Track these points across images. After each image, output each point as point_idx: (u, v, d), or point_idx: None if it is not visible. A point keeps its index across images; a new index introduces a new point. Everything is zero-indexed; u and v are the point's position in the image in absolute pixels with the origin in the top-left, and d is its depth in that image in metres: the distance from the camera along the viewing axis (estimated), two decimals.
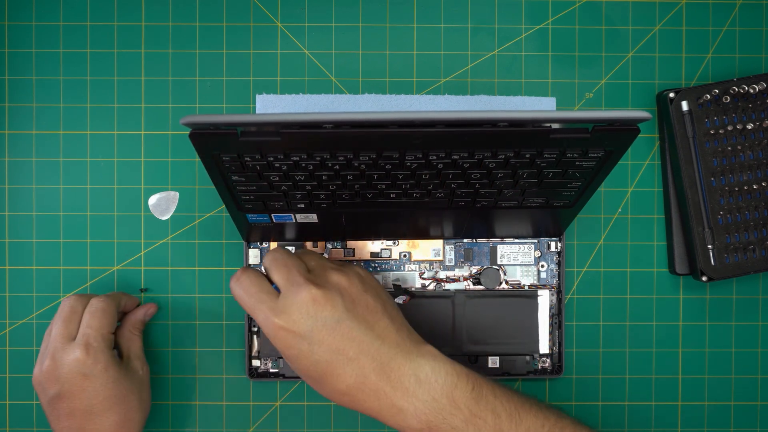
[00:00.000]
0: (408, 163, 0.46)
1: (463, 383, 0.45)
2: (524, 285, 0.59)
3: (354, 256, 0.58)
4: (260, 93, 0.58)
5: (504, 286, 0.59)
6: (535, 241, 0.59)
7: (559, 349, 0.59)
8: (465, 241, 0.59)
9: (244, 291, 0.46)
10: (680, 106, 0.56)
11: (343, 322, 0.44)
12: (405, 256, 0.59)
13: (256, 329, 0.58)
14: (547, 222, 0.56)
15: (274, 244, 0.58)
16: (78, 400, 0.50)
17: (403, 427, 0.44)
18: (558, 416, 0.46)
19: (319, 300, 0.44)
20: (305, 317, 0.44)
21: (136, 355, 0.54)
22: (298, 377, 0.58)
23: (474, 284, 0.59)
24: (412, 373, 0.44)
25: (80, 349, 0.50)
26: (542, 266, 0.59)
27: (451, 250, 0.59)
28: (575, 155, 0.46)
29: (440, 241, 0.59)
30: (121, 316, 0.56)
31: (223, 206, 0.58)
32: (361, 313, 0.45)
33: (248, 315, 0.58)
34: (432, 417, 0.44)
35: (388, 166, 0.46)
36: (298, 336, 0.44)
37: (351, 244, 0.59)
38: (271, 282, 0.47)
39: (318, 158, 0.45)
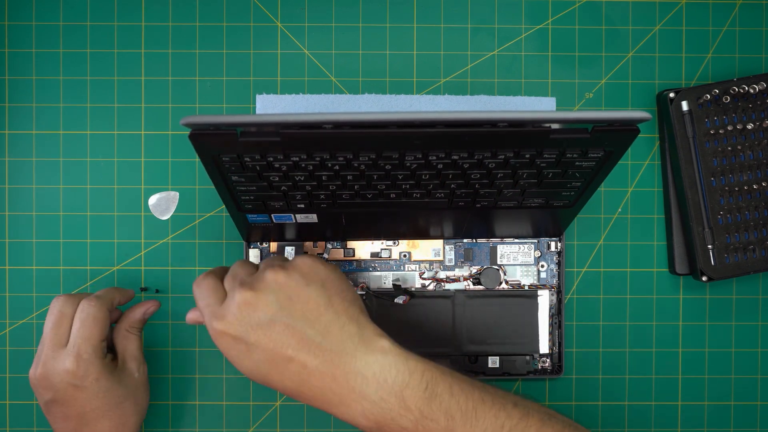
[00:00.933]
0: (408, 164, 0.46)
1: (416, 381, 0.42)
2: (524, 285, 0.59)
3: (354, 256, 0.58)
4: (260, 93, 0.58)
5: (504, 286, 0.59)
6: (535, 241, 0.59)
7: (559, 349, 0.59)
8: (465, 241, 0.59)
9: (199, 294, 0.46)
10: (680, 106, 0.56)
11: (277, 320, 0.43)
12: (405, 256, 0.59)
13: None
14: (547, 222, 0.56)
15: (274, 245, 0.58)
16: (71, 407, 0.50)
17: (353, 424, 0.43)
18: (524, 414, 0.43)
19: (250, 301, 0.43)
20: (239, 320, 0.43)
21: (132, 356, 0.53)
22: None
23: (474, 284, 0.59)
24: (358, 371, 0.42)
25: (70, 360, 0.49)
26: (542, 266, 0.59)
27: (451, 250, 0.59)
28: (575, 155, 0.46)
29: (440, 241, 0.59)
30: (118, 315, 0.55)
31: (223, 206, 0.58)
32: (300, 310, 0.43)
33: None
34: (380, 417, 0.42)
35: (388, 167, 0.46)
36: (235, 338, 0.43)
37: (351, 244, 0.59)
38: None
39: (318, 158, 0.45)
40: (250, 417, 0.59)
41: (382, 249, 0.59)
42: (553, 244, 0.59)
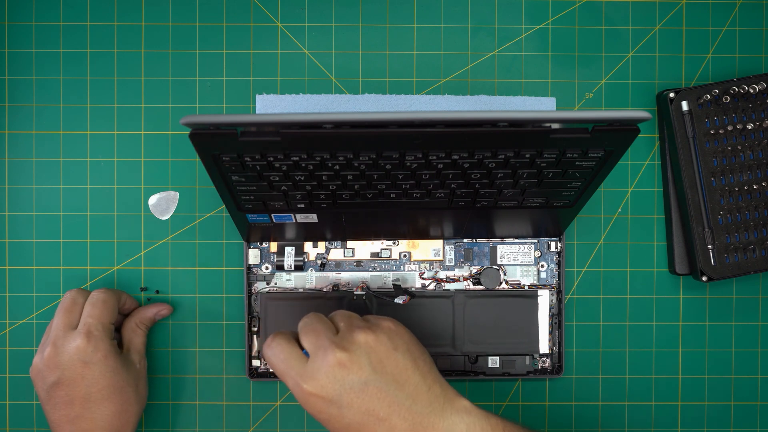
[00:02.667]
0: (408, 163, 0.46)
1: None
2: (524, 285, 0.59)
3: (354, 256, 0.58)
4: (260, 93, 0.58)
5: (504, 286, 0.59)
6: (535, 241, 0.59)
7: (559, 349, 0.59)
8: (465, 241, 0.59)
9: (275, 356, 0.46)
10: (680, 106, 0.56)
11: (371, 383, 0.43)
12: (405, 256, 0.59)
13: (256, 329, 0.58)
14: (547, 222, 0.56)
15: (274, 245, 0.58)
16: (77, 388, 0.50)
17: None
18: None
19: (345, 363, 0.43)
20: (332, 381, 0.43)
21: (136, 349, 0.55)
22: None
23: (474, 284, 0.59)
24: (446, 431, 0.44)
25: (81, 337, 0.51)
26: (542, 266, 0.59)
27: (451, 250, 0.59)
28: (575, 155, 0.46)
29: (440, 241, 0.59)
30: (122, 319, 0.56)
31: (223, 206, 0.58)
32: (390, 372, 0.44)
33: (248, 314, 0.58)
34: None
35: (388, 166, 0.46)
36: (327, 401, 0.43)
37: (351, 244, 0.59)
38: (302, 347, 0.46)
39: (318, 158, 0.45)
40: (250, 417, 0.59)
41: (382, 249, 0.59)
42: (553, 244, 0.59)
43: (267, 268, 0.58)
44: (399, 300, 0.57)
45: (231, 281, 0.59)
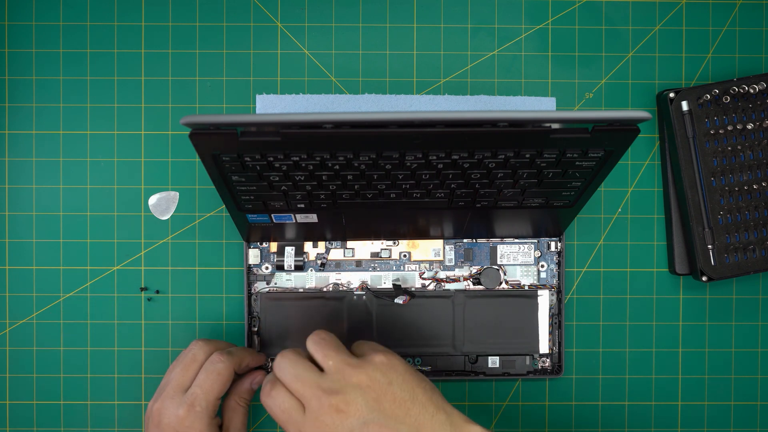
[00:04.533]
0: (408, 163, 0.46)
1: None
2: (524, 285, 0.59)
3: (354, 256, 0.58)
4: (260, 93, 0.58)
5: (504, 286, 0.59)
6: (535, 241, 0.59)
7: (559, 349, 0.59)
8: (465, 241, 0.59)
9: (276, 407, 0.45)
10: (680, 106, 0.56)
11: (370, 422, 0.43)
12: (405, 256, 0.59)
13: (256, 329, 0.58)
14: (547, 222, 0.56)
15: (274, 245, 0.58)
16: None
17: None
18: None
19: (340, 407, 0.43)
20: (332, 428, 0.43)
21: (236, 428, 0.53)
22: None
23: (474, 284, 0.59)
24: None
25: (184, 408, 0.49)
26: (542, 266, 0.59)
27: (451, 250, 0.59)
28: (575, 155, 0.46)
29: (440, 241, 0.59)
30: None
31: (223, 206, 0.58)
32: (389, 409, 0.44)
33: (248, 314, 0.58)
34: None
35: (388, 166, 0.46)
36: None
37: (351, 244, 0.59)
38: None
39: (318, 158, 0.45)
40: (250, 417, 0.59)
41: (382, 249, 0.59)
42: (553, 244, 0.59)
43: (267, 268, 0.58)
44: (399, 300, 0.57)
45: (231, 281, 0.59)
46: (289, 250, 0.58)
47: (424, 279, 0.59)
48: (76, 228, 0.58)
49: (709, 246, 0.57)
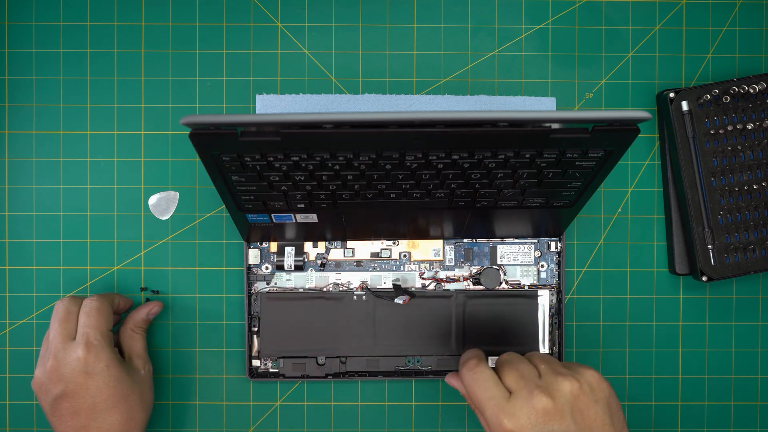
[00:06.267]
0: (408, 163, 0.46)
1: None
2: (524, 285, 0.59)
3: (354, 256, 0.58)
4: (260, 93, 0.58)
5: (504, 286, 0.59)
6: (535, 241, 0.59)
7: (559, 349, 0.59)
8: (465, 241, 0.59)
9: (478, 385, 0.46)
10: (680, 106, 0.56)
11: None
12: (405, 256, 0.59)
13: (256, 329, 0.58)
14: (547, 222, 0.56)
15: (274, 245, 0.58)
16: (81, 399, 0.50)
17: None
18: None
19: (549, 410, 0.44)
20: (533, 425, 0.44)
21: (138, 354, 0.55)
22: (298, 377, 0.58)
23: (474, 284, 0.59)
24: None
25: (81, 347, 0.50)
26: (542, 266, 0.59)
27: (451, 250, 0.59)
28: (575, 155, 0.46)
29: (440, 241, 0.59)
30: (118, 319, 0.56)
31: (223, 206, 0.58)
32: (589, 425, 0.44)
33: (248, 314, 0.58)
34: None
35: (388, 166, 0.46)
36: None
37: (351, 244, 0.59)
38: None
39: (318, 158, 0.45)
40: (250, 417, 0.59)
41: (382, 249, 0.59)
42: (553, 244, 0.59)
43: (267, 268, 0.58)
44: (399, 300, 0.57)
45: (231, 281, 0.59)
46: (289, 250, 0.58)
47: (424, 279, 0.59)
48: (76, 228, 0.58)
49: (709, 246, 0.57)
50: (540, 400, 0.44)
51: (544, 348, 0.59)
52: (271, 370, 0.59)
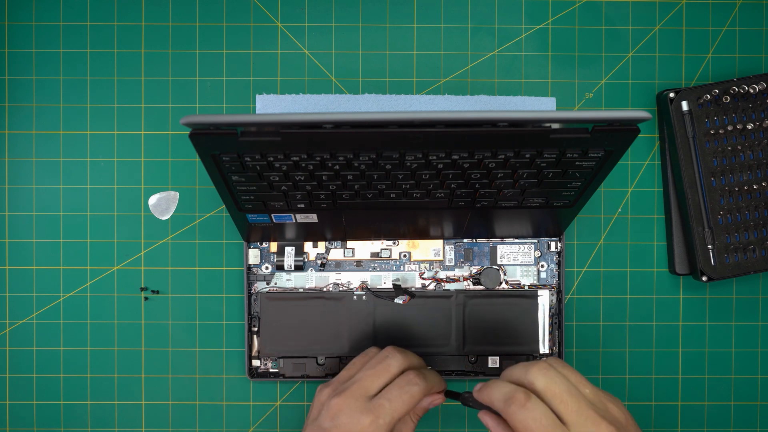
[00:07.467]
0: (408, 163, 0.46)
1: None
2: (524, 285, 0.59)
3: (354, 256, 0.58)
4: (260, 93, 0.58)
5: (504, 286, 0.59)
6: (535, 241, 0.59)
7: (559, 349, 0.59)
8: (465, 241, 0.59)
9: (535, 421, 0.42)
10: (680, 106, 0.56)
11: None
12: (405, 256, 0.59)
13: (256, 329, 0.58)
14: (547, 222, 0.56)
15: (274, 245, 0.58)
16: None
17: None
18: None
19: None
20: None
21: None
22: (298, 377, 0.58)
23: (474, 284, 0.59)
24: None
25: (369, 417, 0.47)
26: (542, 266, 0.59)
27: (451, 250, 0.59)
28: (575, 155, 0.46)
29: (440, 241, 0.59)
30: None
31: (223, 206, 0.58)
32: None
33: (248, 314, 0.58)
34: None
35: (388, 166, 0.46)
36: None
37: (351, 244, 0.59)
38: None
39: (318, 158, 0.45)
40: (250, 417, 0.59)
41: (382, 249, 0.59)
42: (553, 244, 0.59)
43: (267, 268, 0.58)
44: (399, 300, 0.57)
45: (231, 281, 0.59)
46: (289, 250, 0.58)
47: (424, 279, 0.59)
48: (76, 228, 0.58)
49: (709, 246, 0.57)
50: (607, 429, 0.42)
51: (544, 348, 0.59)
52: (271, 370, 0.59)
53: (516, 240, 0.59)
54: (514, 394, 0.43)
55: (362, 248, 0.59)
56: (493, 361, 0.58)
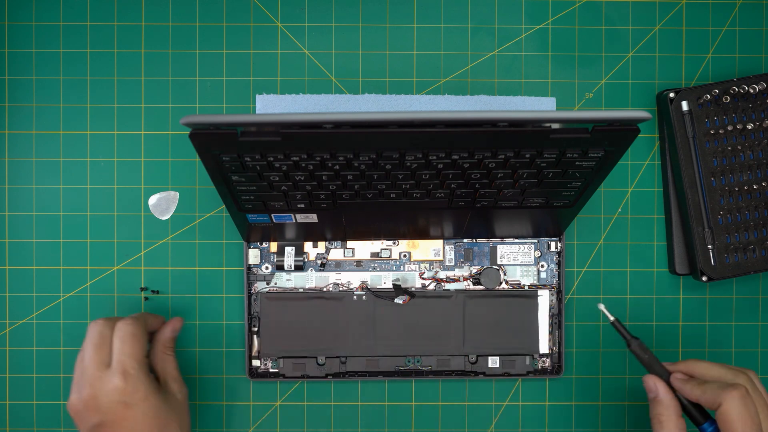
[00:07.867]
0: (408, 163, 0.46)
1: None
2: (524, 285, 0.59)
3: (354, 256, 0.58)
4: (260, 93, 0.58)
5: (504, 286, 0.59)
6: (535, 241, 0.59)
7: (559, 349, 0.59)
8: (465, 241, 0.59)
9: (747, 414, 0.47)
10: (680, 106, 0.56)
11: None
12: (405, 256, 0.59)
13: (256, 329, 0.58)
14: (547, 222, 0.56)
15: (274, 245, 0.58)
16: (120, 429, 0.48)
17: None
18: None
19: None
20: None
21: (172, 377, 0.53)
22: (298, 377, 0.58)
23: (474, 284, 0.59)
24: None
25: (118, 377, 0.48)
26: (542, 266, 0.59)
27: (451, 250, 0.59)
28: (575, 155, 0.46)
29: (440, 241, 0.59)
30: (149, 336, 0.54)
31: (223, 206, 0.58)
32: None
33: (248, 314, 0.58)
34: None
35: (388, 166, 0.46)
36: None
37: (351, 244, 0.59)
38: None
39: (318, 158, 0.45)
40: (250, 417, 0.59)
41: (382, 249, 0.59)
42: (553, 244, 0.59)
43: (267, 268, 0.58)
44: (399, 300, 0.57)
45: (231, 281, 0.59)
46: (289, 250, 0.58)
47: (424, 279, 0.59)
48: (76, 228, 0.58)
49: (709, 246, 0.57)
50: None
51: (544, 348, 0.59)
52: (271, 370, 0.59)
53: (516, 240, 0.59)
54: (737, 386, 0.47)
55: (362, 248, 0.59)
56: (493, 361, 0.58)
